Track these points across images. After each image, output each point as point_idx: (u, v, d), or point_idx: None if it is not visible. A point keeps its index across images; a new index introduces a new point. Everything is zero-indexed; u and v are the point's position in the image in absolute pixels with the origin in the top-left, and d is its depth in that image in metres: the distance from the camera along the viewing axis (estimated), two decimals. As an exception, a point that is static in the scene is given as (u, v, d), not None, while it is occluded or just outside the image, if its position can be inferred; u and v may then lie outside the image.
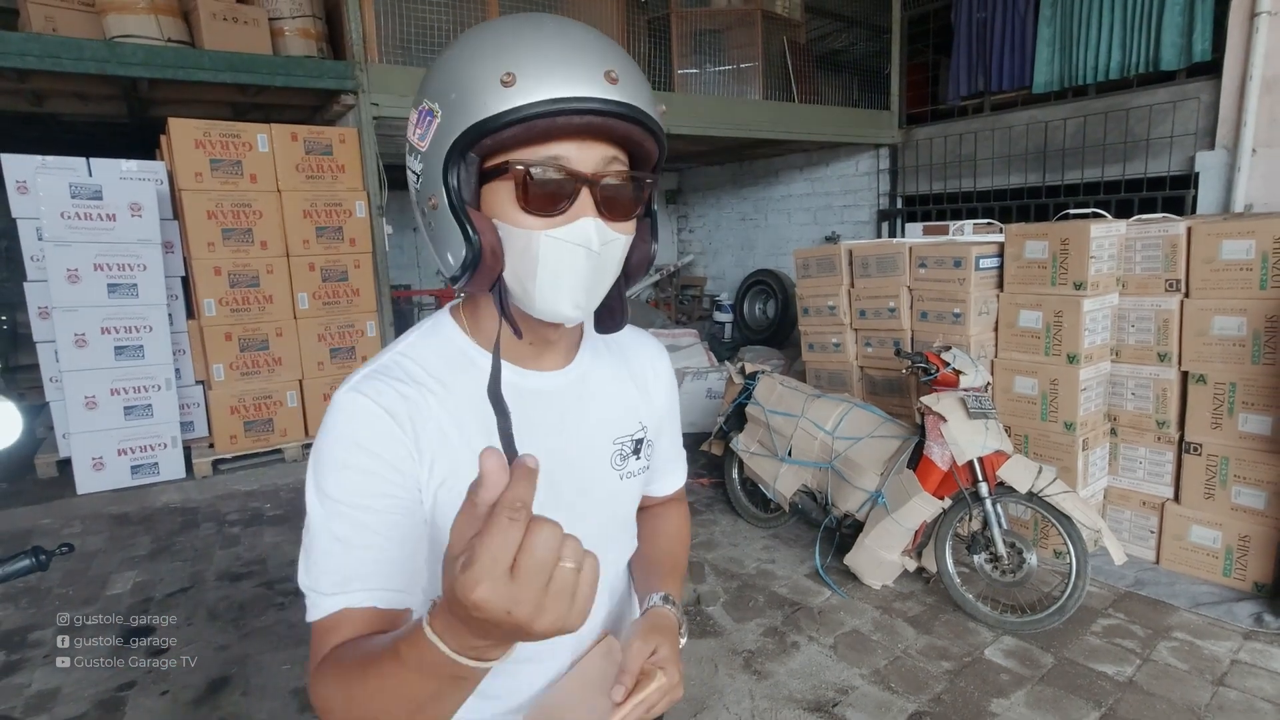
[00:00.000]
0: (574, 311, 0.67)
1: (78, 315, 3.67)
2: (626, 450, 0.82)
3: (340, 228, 4.29)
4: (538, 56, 0.60)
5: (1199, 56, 4.51)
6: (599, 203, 0.64)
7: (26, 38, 3.44)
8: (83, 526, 3.55)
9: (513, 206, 0.64)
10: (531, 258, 0.64)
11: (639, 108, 0.63)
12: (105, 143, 5.50)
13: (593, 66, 0.61)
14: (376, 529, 0.65)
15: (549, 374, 0.76)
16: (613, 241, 0.66)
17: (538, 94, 0.59)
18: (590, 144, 0.63)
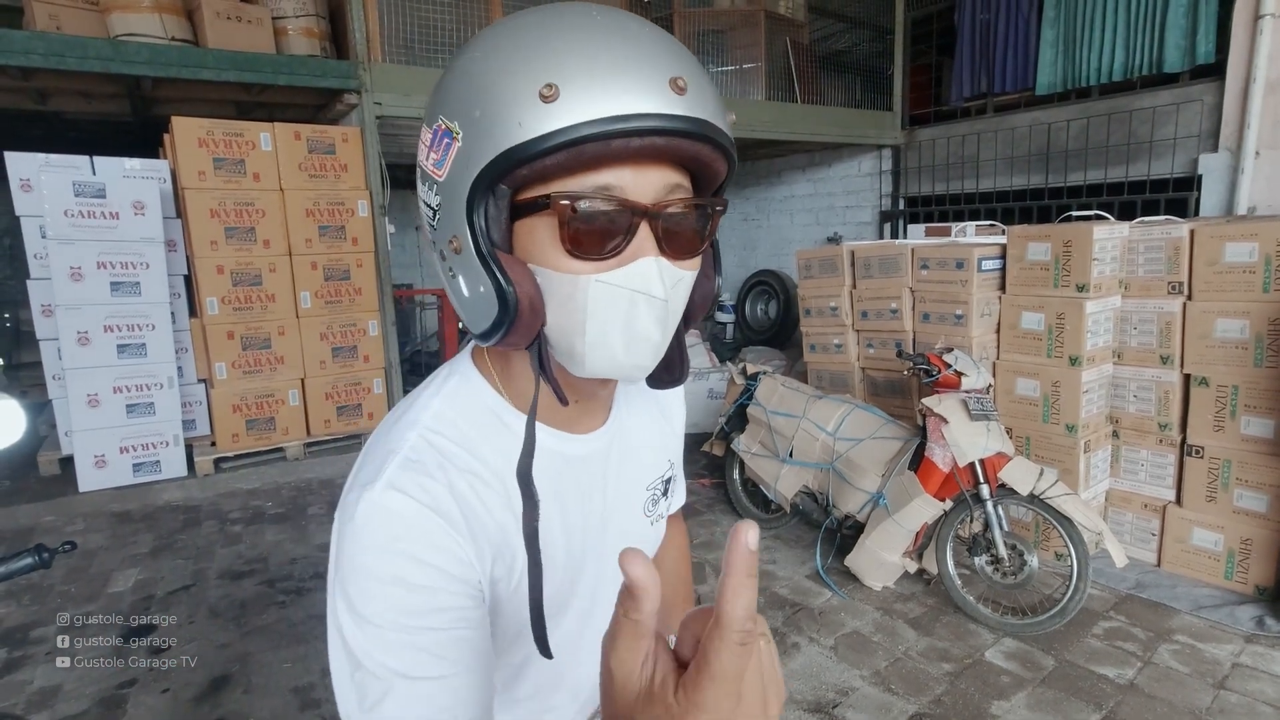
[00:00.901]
0: (632, 370, 0.55)
1: (80, 313, 3.68)
2: (658, 494, 0.76)
3: (343, 227, 4.30)
4: (586, 62, 0.48)
5: (1203, 58, 4.50)
6: (660, 239, 0.52)
7: (31, 36, 3.45)
8: (85, 524, 3.55)
9: (554, 248, 0.52)
10: (579, 309, 0.52)
11: (712, 123, 0.51)
12: (109, 141, 5.51)
13: (656, 74, 0.49)
14: (444, 655, 0.52)
15: (590, 436, 0.66)
16: (679, 283, 0.54)
17: (588, 111, 0.47)
18: (649, 168, 0.51)
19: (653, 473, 0.76)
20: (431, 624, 0.52)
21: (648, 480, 0.75)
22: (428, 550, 0.52)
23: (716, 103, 0.53)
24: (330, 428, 4.40)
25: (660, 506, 0.77)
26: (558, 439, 0.64)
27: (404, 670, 0.51)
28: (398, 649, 0.51)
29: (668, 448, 0.79)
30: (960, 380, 2.63)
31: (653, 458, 0.76)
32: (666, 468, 0.78)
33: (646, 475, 0.75)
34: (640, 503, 0.74)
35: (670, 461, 0.79)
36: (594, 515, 0.68)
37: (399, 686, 0.51)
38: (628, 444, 0.71)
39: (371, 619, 0.51)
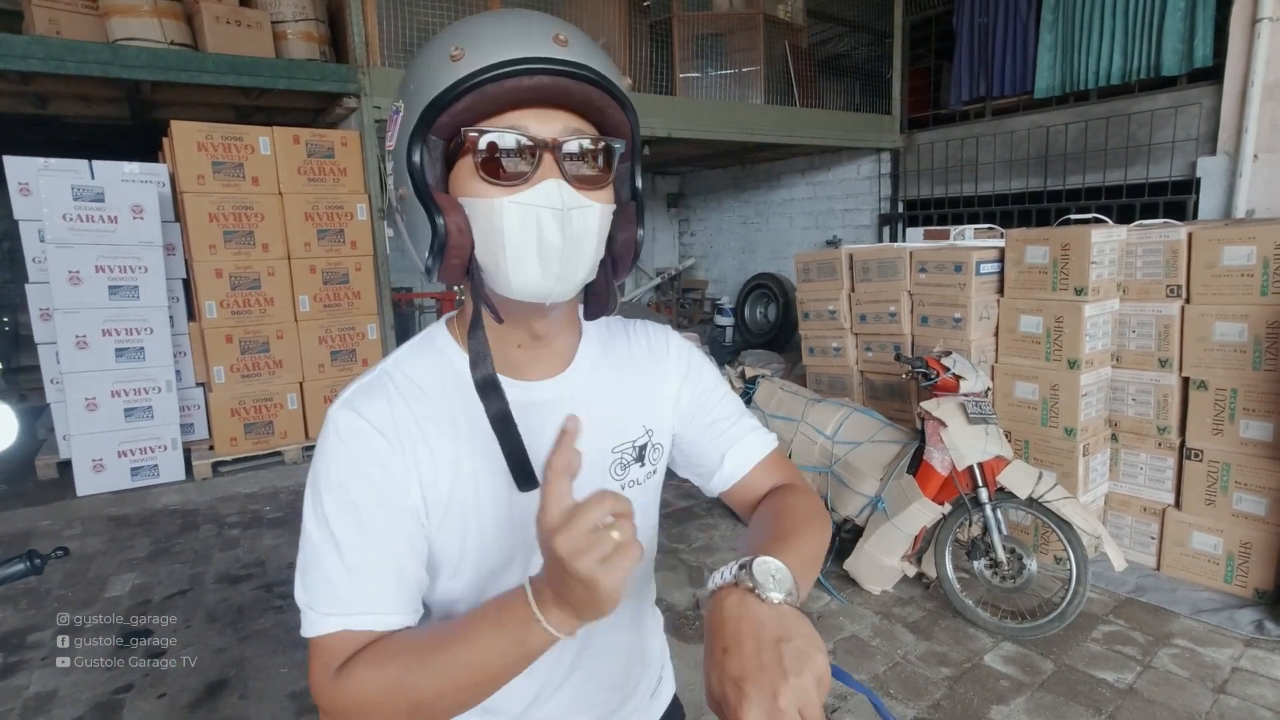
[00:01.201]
0: (550, 283, 0.63)
1: (79, 317, 3.68)
2: (627, 459, 0.77)
3: (341, 230, 4.30)
4: (485, 30, 0.61)
5: (1200, 62, 4.51)
6: (562, 168, 0.62)
7: (30, 40, 3.45)
8: (82, 528, 3.55)
9: (474, 179, 0.62)
10: (497, 228, 0.62)
11: (592, 67, 0.61)
12: (108, 145, 5.52)
13: (540, 31, 0.61)
14: (374, 548, 0.64)
15: (543, 383, 0.73)
16: (584, 209, 0.63)
17: (485, 60, 0.59)
18: (550, 112, 0.62)
19: (620, 435, 0.77)
20: (369, 524, 0.64)
21: (613, 442, 0.76)
22: (368, 459, 0.65)
23: (604, 60, 0.64)
24: (329, 431, 4.39)
25: (634, 472, 0.77)
26: (509, 385, 0.69)
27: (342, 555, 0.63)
28: (338, 539, 0.63)
29: (643, 413, 0.79)
30: (959, 384, 2.62)
31: (622, 420, 0.77)
32: (640, 433, 0.78)
33: (612, 437, 0.76)
34: (604, 464, 0.76)
35: (647, 428, 0.79)
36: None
37: (333, 569, 0.63)
38: (590, 400, 0.75)
39: (326, 513, 0.64)
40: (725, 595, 0.58)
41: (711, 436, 0.84)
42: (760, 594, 0.56)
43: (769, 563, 0.59)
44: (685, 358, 0.84)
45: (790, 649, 0.52)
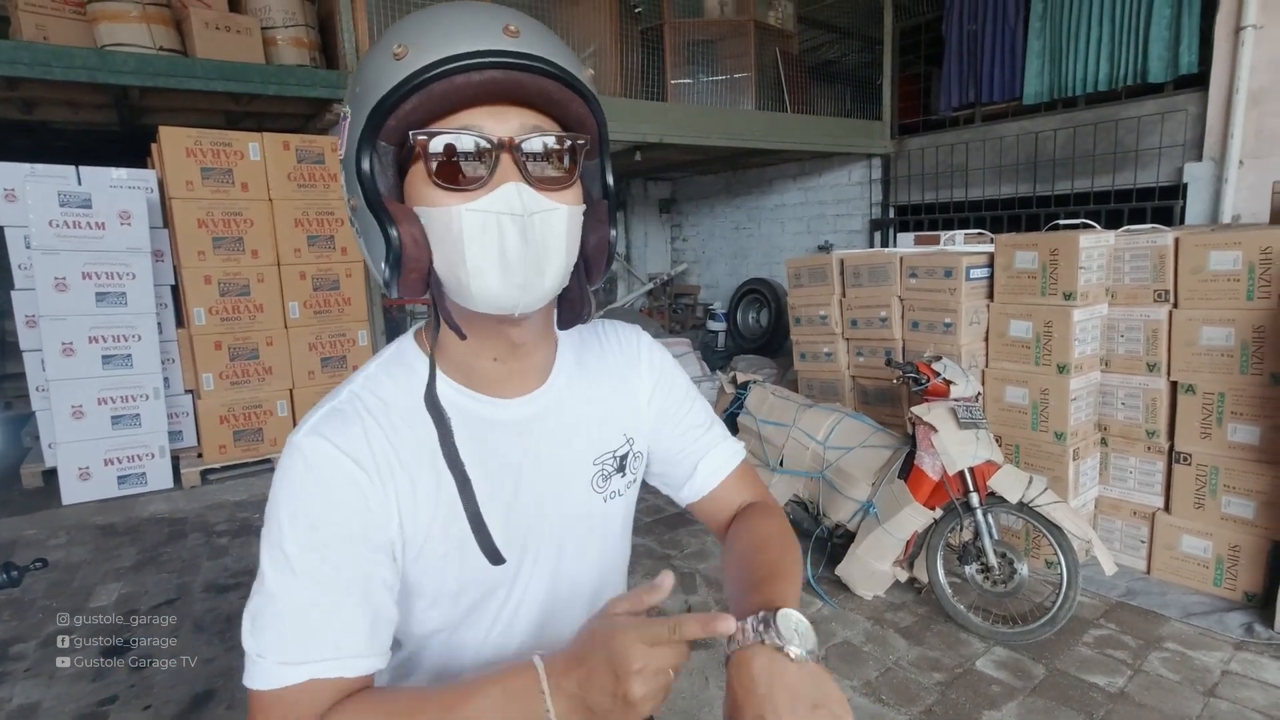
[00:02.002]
0: (514, 294, 0.59)
1: (65, 324, 3.65)
2: (609, 470, 0.75)
3: (332, 236, 4.28)
4: (429, 24, 0.57)
5: (1185, 69, 4.56)
6: (522, 169, 0.58)
7: (17, 45, 3.43)
8: (68, 537, 3.51)
9: (428, 185, 0.58)
10: (455, 238, 0.58)
11: (546, 58, 0.57)
12: (96, 150, 5.49)
13: (488, 22, 0.56)
14: (346, 587, 0.59)
15: (518, 401, 0.69)
16: (548, 211, 0.59)
17: (430, 57, 0.55)
18: (505, 109, 0.58)
19: (601, 446, 0.74)
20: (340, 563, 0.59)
21: (594, 454, 0.74)
22: (340, 490, 0.60)
23: (561, 50, 0.59)
24: (319, 438, 4.36)
25: (615, 483, 0.75)
26: (483, 403, 0.67)
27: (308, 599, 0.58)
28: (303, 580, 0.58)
29: (622, 421, 0.77)
30: (949, 388, 2.63)
31: (602, 431, 0.75)
32: (620, 442, 0.76)
33: (592, 449, 0.74)
34: (586, 477, 0.73)
35: (627, 437, 0.77)
36: (524, 486, 0.69)
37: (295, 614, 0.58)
38: (569, 414, 0.72)
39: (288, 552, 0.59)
40: (753, 656, 0.56)
41: (683, 445, 0.82)
42: (789, 652, 0.55)
43: (791, 616, 0.58)
44: (658, 361, 0.82)
45: (825, 715, 0.53)
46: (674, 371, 0.83)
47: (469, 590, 0.68)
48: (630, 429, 0.78)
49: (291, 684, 0.56)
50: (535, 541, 0.71)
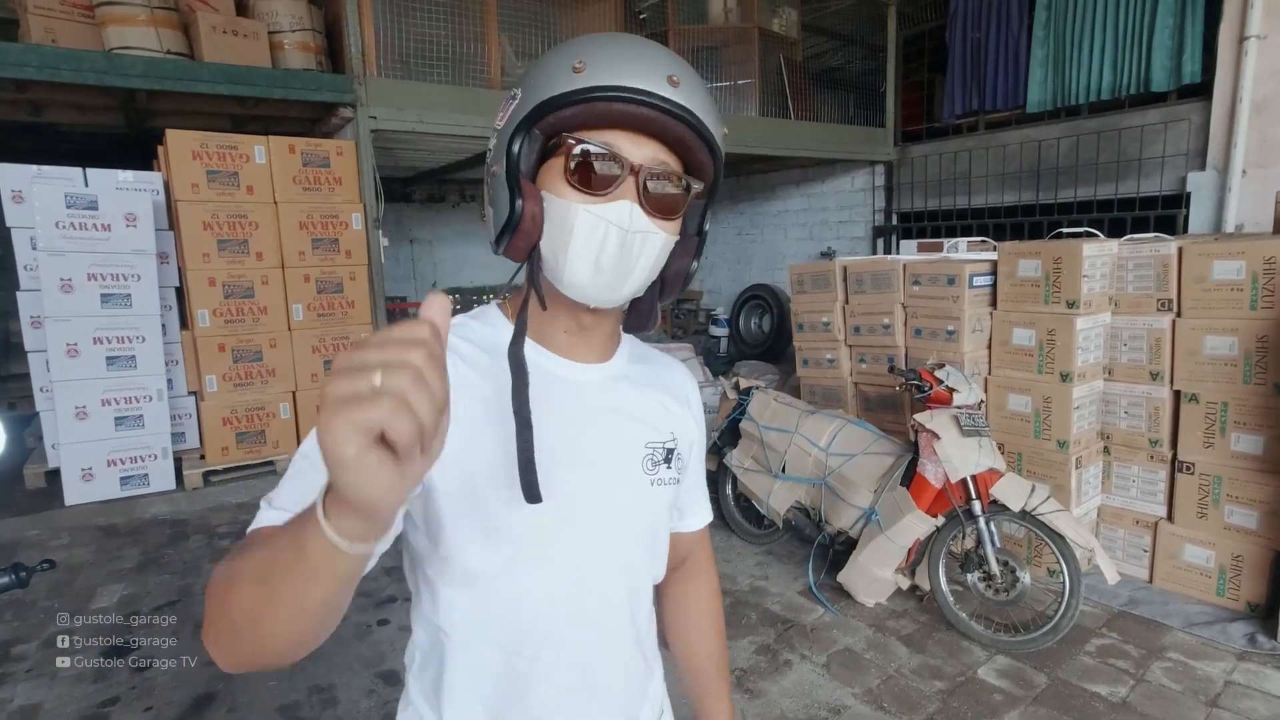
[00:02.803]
0: (596, 291, 0.69)
1: (70, 325, 3.66)
2: (658, 456, 0.81)
3: (336, 240, 4.29)
4: (609, 52, 0.66)
5: (1188, 78, 4.56)
6: (640, 193, 0.67)
7: (26, 49, 3.45)
8: (70, 538, 3.51)
9: (561, 180, 0.67)
10: (567, 229, 0.67)
11: (694, 112, 0.66)
12: (103, 153, 5.51)
13: (657, 69, 0.65)
14: None
15: (584, 365, 0.77)
16: (649, 234, 0.68)
17: (602, 80, 0.64)
18: (644, 139, 0.67)
19: (654, 433, 0.81)
20: None
21: (647, 437, 0.80)
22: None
23: (708, 107, 0.68)
24: (321, 441, 4.36)
25: (662, 472, 0.81)
26: (552, 360, 0.75)
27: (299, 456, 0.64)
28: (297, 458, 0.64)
29: (672, 423, 0.83)
30: (952, 396, 2.63)
31: (654, 419, 0.82)
32: (669, 438, 0.82)
33: (646, 431, 0.80)
34: (639, 456, 0.79)
35: (674, 435, 0.83)
36: (584, 440, 0.75)
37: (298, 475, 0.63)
38: (626, 397, 0.79)
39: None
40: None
41: (690, 490, 0.91)
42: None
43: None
44: (700, 410, 0.90)
45: None
46: (704, 425, 0.92)
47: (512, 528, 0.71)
48: (679, 433, 0.84)
49: (266, 524, 0.60)
50: (582, 493, 0.75)
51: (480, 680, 0.73)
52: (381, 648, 2.56)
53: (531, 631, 0.73)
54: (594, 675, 0.77)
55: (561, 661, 0.75)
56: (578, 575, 0.75)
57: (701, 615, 0.98)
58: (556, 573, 0.73)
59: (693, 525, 0.95)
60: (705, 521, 0.97)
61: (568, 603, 0.74)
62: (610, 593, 0.77)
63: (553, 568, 0.73)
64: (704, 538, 0.98)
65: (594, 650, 0.77)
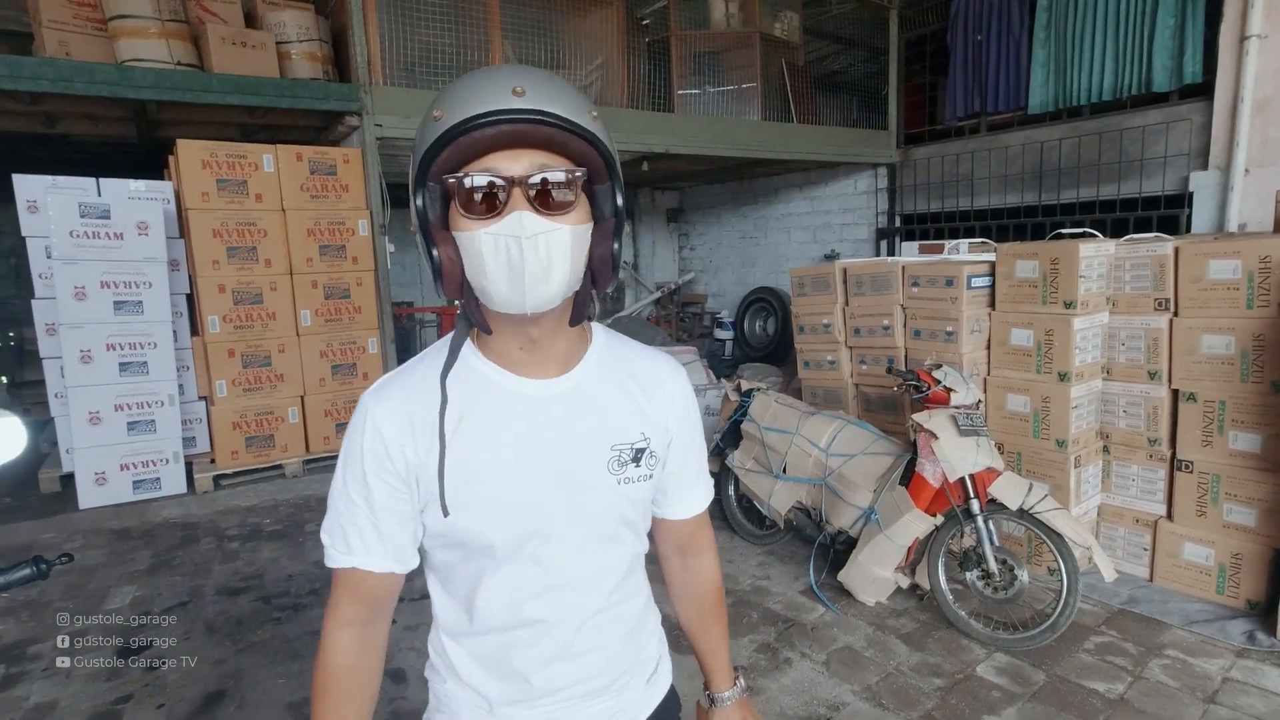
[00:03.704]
0: (519, 298, 0.74)
1: (83, 332, 3.74)
2: (625, 457, 0.86)
3: (343, 246, 4.36)
4: (459, 93, 0.73)
5: (1190, 78, 4.57)
6: (531, 199, 0.73)
7: (40, 62, 3.53)
8: (84, 541, 3.58)
9: (459, 215, 0.74)
10: (478, 255, 0.74)
11: (548, 111, 0.71)
12: (115, 163, 5.60)
13: (501, 86, 0.71)
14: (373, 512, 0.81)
15: (544, 381, 0.83)
16: (550, 231, 0.73)
17: (456, 117, 0.71)
18: (518, 152, 0.73)
19: (619, 435, 0.86)
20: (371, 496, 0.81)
21: (612, 440, 0.86)
22: (373, 449, 0.80)
23: (563, 100, 0.73)
24: (329, 444, 4.43)
25: (630, 471, 0.87)
26: (514, 380, 0.83)
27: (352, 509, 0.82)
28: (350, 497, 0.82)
29: (641, 423, 0.88)
30: (949, 396, 2.65)
31: (619, 422, 0.87)
32: (639, 438, 0.87)
33: (610, 435, 0.86)
34: (603, 459, 0.85)
35: (644, 435, 0.88)
36: (545, 455, 0.82)
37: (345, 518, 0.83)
38: (584, 397, 0.85)
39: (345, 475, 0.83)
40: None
41: (675, 479, 0.96)
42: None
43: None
44: (687, 396, 0.95)
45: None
46: (696, 415, 0.98)
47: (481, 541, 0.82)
48: (650, 431, 0.89)
49: (344, 568, 0.83)
50: (549, 503, 0.83)
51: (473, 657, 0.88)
52: (389, 647, 2.60)
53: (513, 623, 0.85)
54: (572, 644, 0.87)
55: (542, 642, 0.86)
56: (552, 578, 0.84)
57: (703, 597, 1.04)
58: (532, 578, 0.84)
59: (685, 512, 0.99)
60: (699, 507, 1.00)
61: (544, 600, 0.85)
62: (586, 586, 0.87)
63: (527, 575, 0.84)
64: (702, 521, 1.02)
65: (572, 625, 0.86)
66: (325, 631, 0.85)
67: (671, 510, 0.98)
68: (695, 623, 1.04)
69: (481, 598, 0.84)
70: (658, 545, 1.03)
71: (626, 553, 0.91)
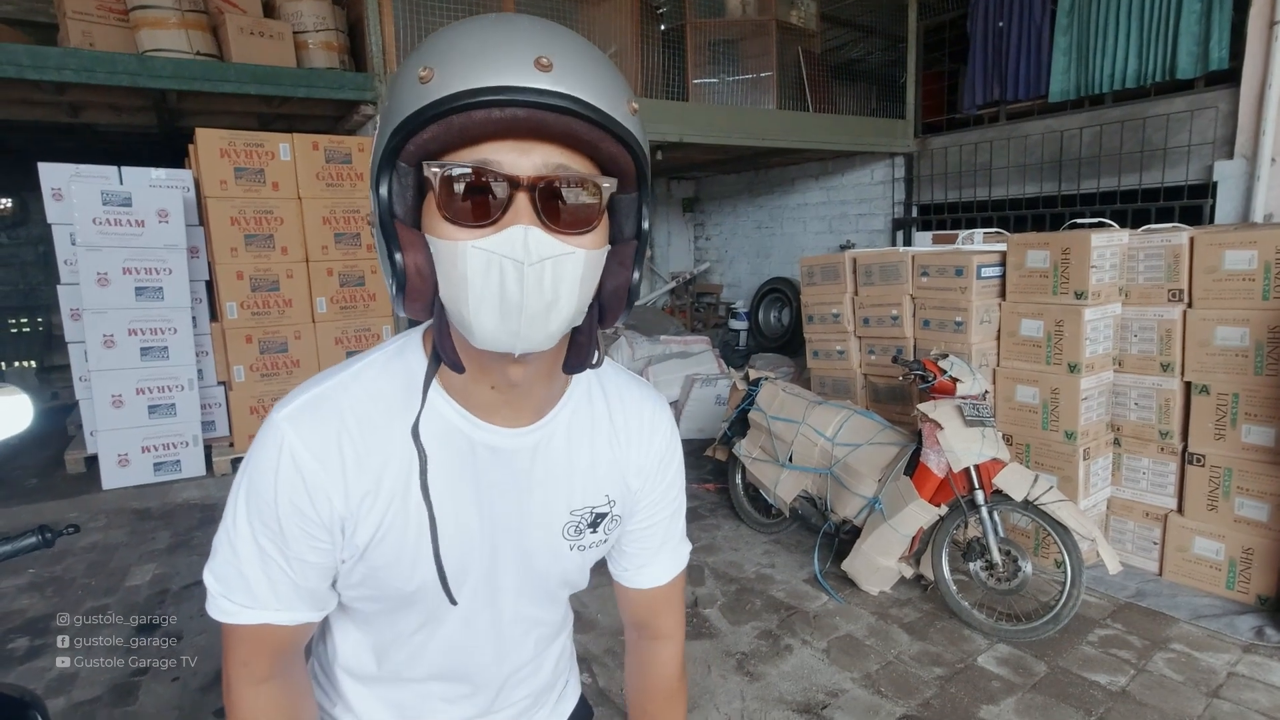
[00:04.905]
0: (514, 338, 0.56)
1: (106, 317, 3.83)
2: (583, 524, 0.74)
3: (358, 234, 4.42)
4: (459, 47, 0.53)
5: (1216, 65, 4.46)
6: (538, 210, 0.54)
7: (65, 53, 3.61)
8: (106, 520, 3.68)
9: (437, 217, 0.56)
10: (460, 275, 0.55)
11: (579, 98, 0.52)
12: (137, 152, 5.72)
13: (519, 53, 0.52)
14: (289, 564, 0.65)
15: (509, 431, 0.68)
16: (561, 256, 0.55)
17: (453, 85, 0.52)
18: (530, 144, 0.55)
19: (580, 498, 0.73)
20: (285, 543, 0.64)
21: (573, 504, 0.73)
22: (293, 491, 0.63)
23: (599, 84, 0.54)
24: (344, 430, 4.49)
25: (586, 538, 0.75)
26: (474, 425, 0.67)
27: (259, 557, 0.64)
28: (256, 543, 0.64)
29: (609, 483, 0.75)
30: (956, 386, 2.64)
31: (584, 483, 0.73)
32: (602, 502, 0.74)
33: (571, 498, 0.73)
34: (559, 523, 0.73)
35: (609, 499, 0.75)
36: (509, 513, 0.70)
37: (249, 566, 0.65)
38: (557, 457, 0.71)
39: (250, 516, 0.64)
40: None
41: (641, 537, 0.81)
42: None
43: None
44: (669, 449, 0.79)
45: None
46: (676, 463, 0.81)
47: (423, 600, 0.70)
48: (615, 492, 0.76)
49: (245, 624, 0.66)
50: (498, 562, 0.72)
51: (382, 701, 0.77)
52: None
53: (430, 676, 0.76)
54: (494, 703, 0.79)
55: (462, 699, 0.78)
56: (482, 635, 0.75)
57: (654, 689, 0.87)
58: (460, 634, 0.74)
59: (644, 581, 0.82)
60: (662, 579, 0.83)
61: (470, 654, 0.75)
62: (518, 640, 0.78)
63: (455, 630, 0.73)
64: (670, 596, 0.84)
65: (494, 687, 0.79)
66: (235, 697, 0.67)
67: (628, 577, 0.82)
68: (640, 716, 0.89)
69: (399, 649, 0.73)
70: (621, 611, 0.88)
71: (561, 609, 0.82)
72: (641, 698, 0.88)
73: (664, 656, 0.86)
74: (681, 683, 0.88)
